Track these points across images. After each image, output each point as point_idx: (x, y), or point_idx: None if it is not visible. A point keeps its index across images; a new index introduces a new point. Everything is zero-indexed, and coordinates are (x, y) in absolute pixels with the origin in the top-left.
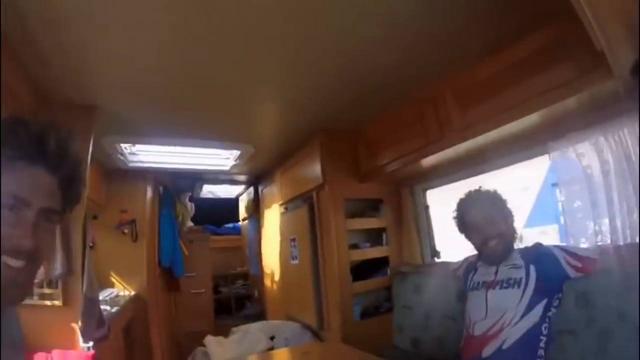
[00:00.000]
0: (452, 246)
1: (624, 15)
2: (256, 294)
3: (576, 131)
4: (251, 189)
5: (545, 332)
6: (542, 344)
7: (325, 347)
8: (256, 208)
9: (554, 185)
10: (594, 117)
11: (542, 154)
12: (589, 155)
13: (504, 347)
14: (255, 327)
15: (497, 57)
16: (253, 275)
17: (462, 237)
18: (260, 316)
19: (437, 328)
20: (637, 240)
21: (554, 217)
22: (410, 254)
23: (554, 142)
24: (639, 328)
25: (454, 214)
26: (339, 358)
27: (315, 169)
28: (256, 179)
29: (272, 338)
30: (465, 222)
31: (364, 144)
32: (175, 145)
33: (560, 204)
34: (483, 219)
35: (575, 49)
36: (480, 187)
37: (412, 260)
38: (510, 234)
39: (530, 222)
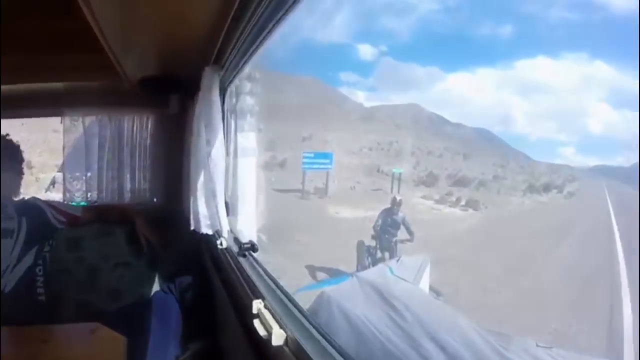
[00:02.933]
0: None
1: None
2: None
3: (91, 107)
4: None
5: (40, 273)
6: (39, 283)
7: None
8: None
9: None
10: (109, 101)
11: (58, 115)
12: (92, 127)
13: (6, 291)
14: None
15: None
16: None
17: None
18: None
19: None
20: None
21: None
22: None
23: (71, 109)
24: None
25: None
26: None
27: None
28: None
29: None
30: None
31: None
32: None
33: None
34: None
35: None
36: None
37: None
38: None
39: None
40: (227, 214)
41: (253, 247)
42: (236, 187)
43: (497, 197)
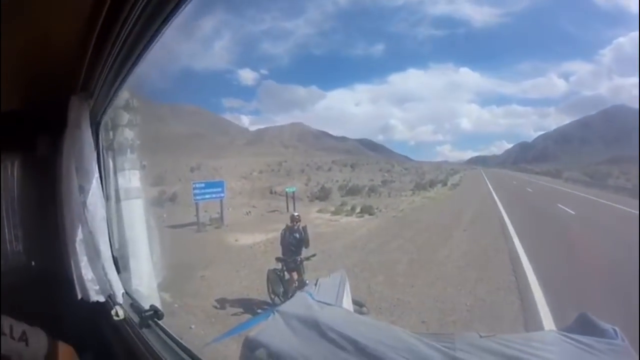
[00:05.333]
0: None
1: None
2: None
3: None
4: None
5: None
6: None
7: None
8: None
9: None
10: None
11: None
12: None
13: None
14: None
15: None
16: None
17: None
18: None
19: None
20: None
21: None
22: None
23: None
24: None
25: None
26: None
27: None
28: None
29: None
30: None
31: None
32: None
33: None
34: None
35: None
36: None
37: None
38: None
39: None
40: (118, 272)
41: (157, 314)
42: (124, 237)
43: (389, 200)
